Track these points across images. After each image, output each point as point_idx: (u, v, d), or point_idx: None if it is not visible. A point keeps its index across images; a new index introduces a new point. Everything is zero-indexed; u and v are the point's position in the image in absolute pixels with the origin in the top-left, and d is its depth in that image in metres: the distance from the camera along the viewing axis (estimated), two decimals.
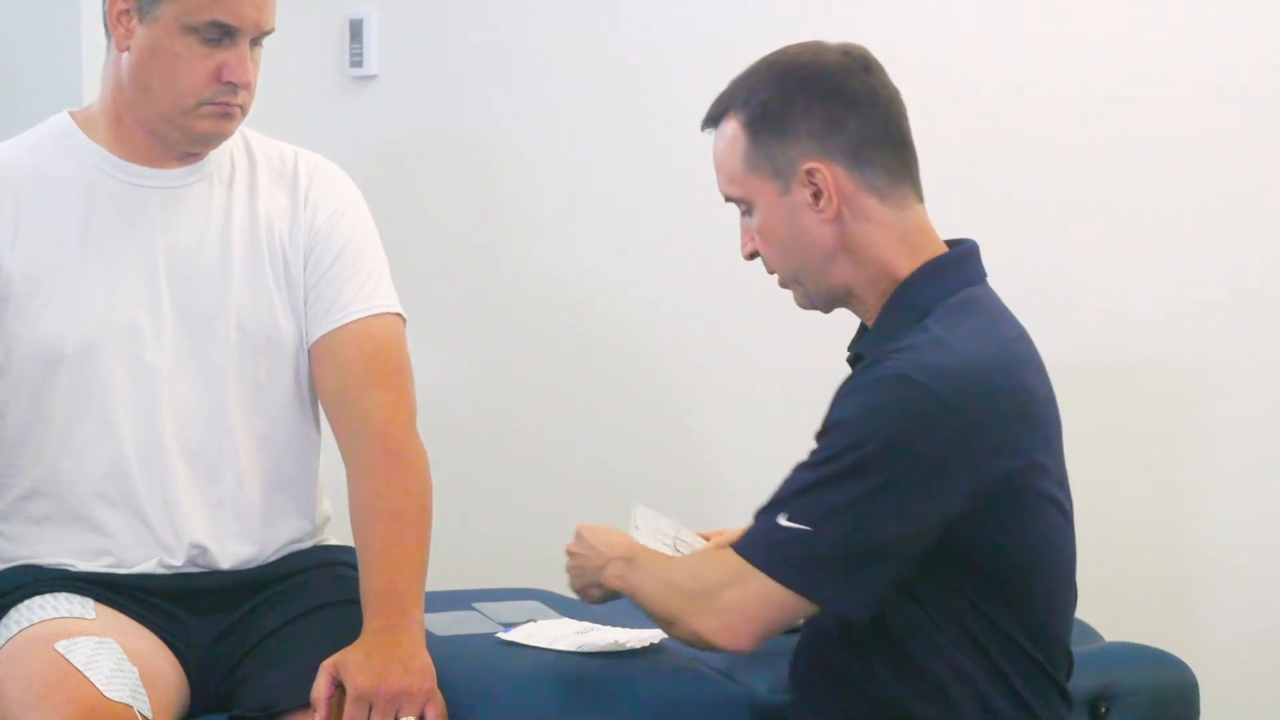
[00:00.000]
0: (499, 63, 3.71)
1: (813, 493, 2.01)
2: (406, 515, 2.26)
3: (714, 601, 2.05)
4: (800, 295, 2.19)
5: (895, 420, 1.99)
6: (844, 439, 2.01)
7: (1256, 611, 3.03)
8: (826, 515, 2.00)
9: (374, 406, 2.30)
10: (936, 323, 2.07)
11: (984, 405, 2.01)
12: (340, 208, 2.39)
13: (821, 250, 2.13)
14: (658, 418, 3.57)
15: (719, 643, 2.07)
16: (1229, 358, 3.03)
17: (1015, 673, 2.08)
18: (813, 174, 2.10)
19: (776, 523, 2.02)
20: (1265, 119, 2.99)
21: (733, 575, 2.05)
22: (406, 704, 2.13)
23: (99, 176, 2.31)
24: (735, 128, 2.15)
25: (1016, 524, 2.06)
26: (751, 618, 2.04)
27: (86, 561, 2.29)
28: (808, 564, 2.01)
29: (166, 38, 2.23)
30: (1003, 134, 3.16)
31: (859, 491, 1.99)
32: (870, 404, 2.01)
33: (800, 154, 2.11)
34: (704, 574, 2.09)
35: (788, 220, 2.13)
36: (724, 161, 2.18)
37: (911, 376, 2.00)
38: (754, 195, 2.15)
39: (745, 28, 3.38)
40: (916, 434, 1.99)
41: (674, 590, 2.11)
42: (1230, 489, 3.04)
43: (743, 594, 2.04)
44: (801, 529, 2.00)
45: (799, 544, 2.01)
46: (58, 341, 2.26)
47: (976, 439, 2.00)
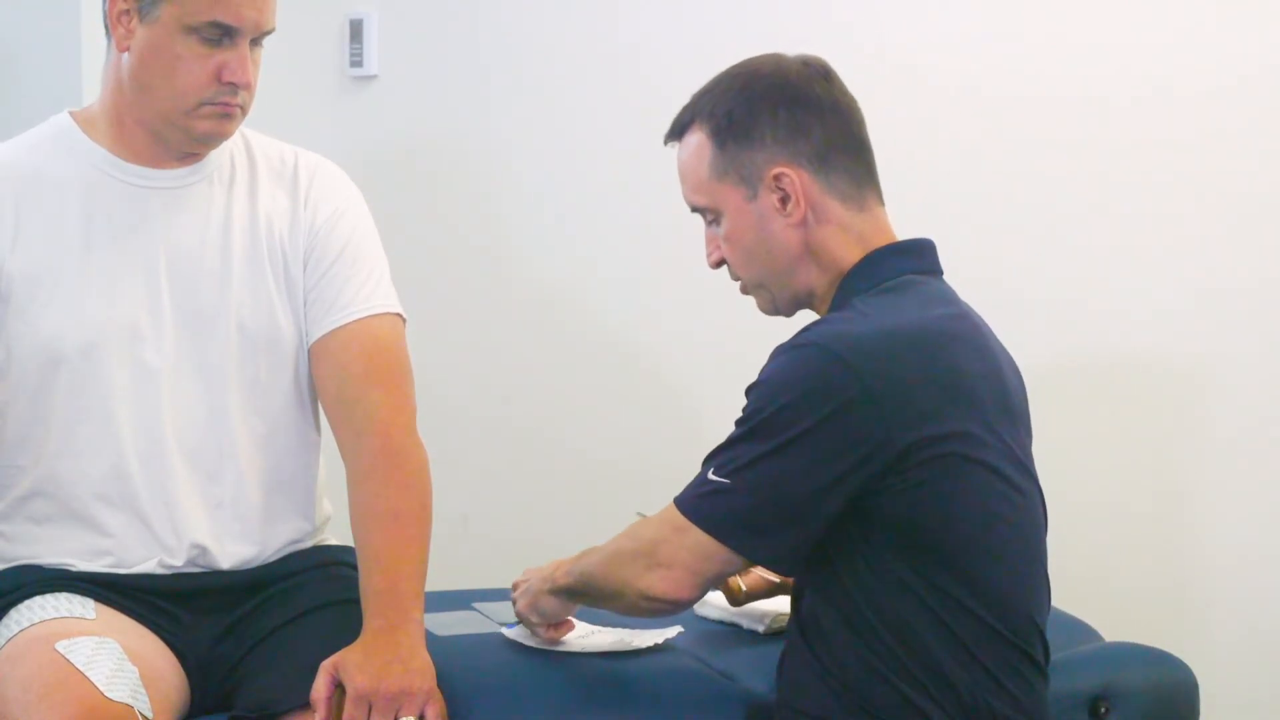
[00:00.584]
0: (499, 63, 3.71)
1: (733, 449, 2.10)
2: (406, 515, 2.26)
3: (654, 557, 2.13)
4: (765, 300, 2.26)
5: (798, 383, 2.07)
6: (757, 399, 2.10)
7: (1256, 611, 3.03)
8: (740, 471, 2.09)
9: (374, 406, 2.30)
10: (860, 301, 2.15)
11: (890, 372, 2.07)
12: (340, 208, 2.39)
13: (787, 254, 2.19)
14: (658, 417, 3.57)
15: (661, 593, 2.13)
16: (1229, 358, 3.03)
17: (974, 642, 2.10)
18: (780, 179, 2.16)
19: (707, 476, 2.12)
20: (1265, 119, 2.99)
21: (670, 529, 2.12)
22: (406, 704, 2.13)
23: (99, 177, 2.31)
24: (701, 138, 2.21)
25: (942, 488, 2.08)
26: (689, 568, 2.12)
27: (87, 562, 2.29)
28: (729, 517, 2.10)
29: (167, 38, 2.23)
30: (1002, 134, 3.16)
31: (765, 450, 2.07)
32: (780, 368, 2.10)
33: (767, 159, 2.17)
34: (643, 532, 2.16)
35: (755, 225, 2.19)
36: (690, 172, 2.23)
37: (818, 343, 2.08)
38: (721, 203, 2.21)
39: (745, 28, 3.38)
40: (817, 396, 2.06)
41: (618, 556, 2.17)
42: (1230, 489, 3.04)
43: (679, 545, 2.12)
44: (723, 482, 2.09)
45: (721, 498, 2.10)
46: (58, 342, 2.26)
47: (881, 403, 2.05)
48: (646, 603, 2.15)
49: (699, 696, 2.32)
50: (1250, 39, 2.99)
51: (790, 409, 2.06)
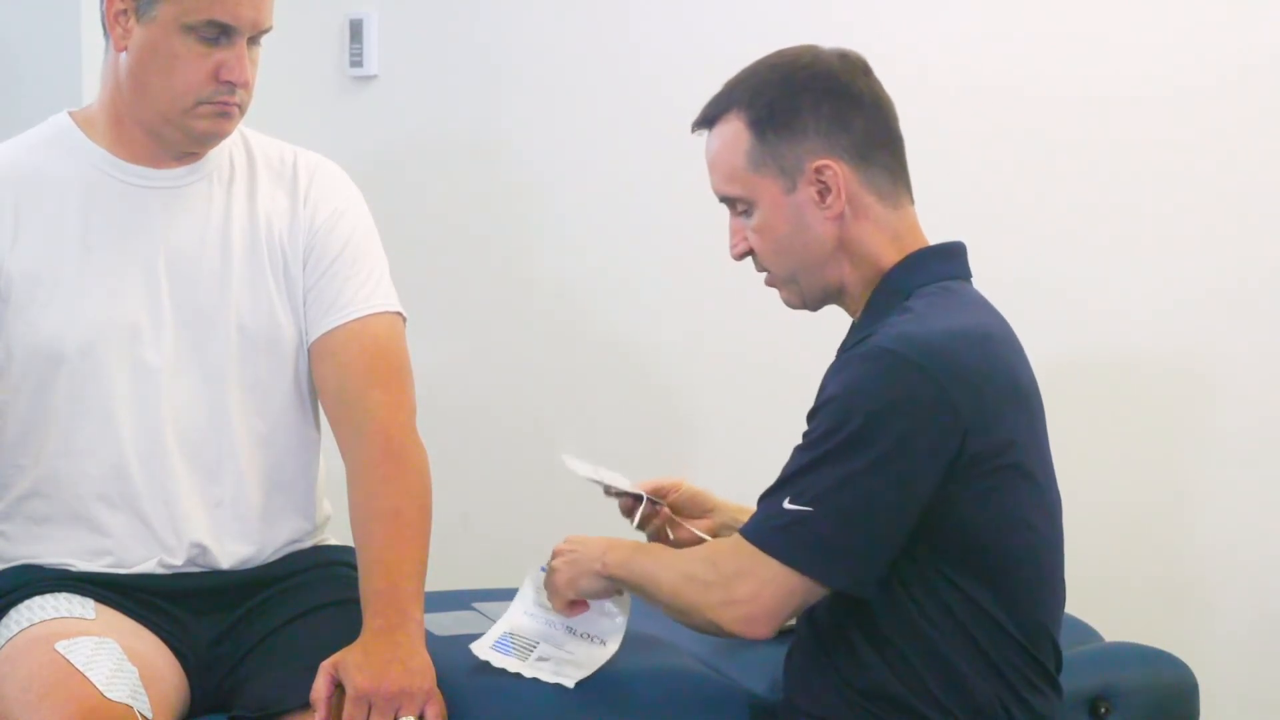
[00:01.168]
0: (499, 62, 3.71)
1: (810, 473, 2.05)
2: (406, 515, 2.26)
3: (731, 592, 2.08)
4: (793, 293, 2.22)
5: (877, 393, 2.03)
6: (832, 417, 2.04)
7: (1256, 611, 3.03)
8: (824, 495, 2.03)
9: (374, 406, 2.30)
10: (916, 303, 2.11)
11: (962, 375, 2.04)
12: (340, 207, 2.39)
13: (821, 248, 2.16)
14: (659, 417, 3.57)
15: (739, 632, 2.10)
16: (1229, 357, 3.03)
17: (1000, 657, 2.09)
18: (822, 171, 2.13)
19: (781, 506, 2.05)
20: (1265, 118, 2.99)
21: (746, 563, 2.07)
22: (406, 704, 2.13)
23: (99, 177, 2.31)
24: (738, 127, 2.17)
25: (993, 498, 2.07)
26: (768, 606, 2.07)
27: (87, 561, 2.29)
28: (813, 546, 2.04)
29: (164, 37, 2.23)
30: (1002, 134, 3.16)
31: (852, 468, 2.02)
32: (853, 379, 2.05)
33: (808, 152, 2.14)
34: (721, 563, 2.10)
35: (791, 218, 2.16)
36: (724, 161, 2.19)
37: (890, 349, 2.04)
38: (757, 194, 2.17)
39: (746, 28, 3.38)
40: (899, 405, 2.02)
41: (691, 581, 2.12)
42: (1230, 489, 3.05)
43: (758, 583, 2.06)
44: (803, 510, 2.03)
45: (802, 526, 2.04)
46: (58, 342, 2.26)
47: (956, 407, 2.03)
48: (717, 632, 2.12)
49: (699, 696, 2.32)
50: (1251, 38, 2.99)
51: (874, 423, 2.02)
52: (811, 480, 2.04)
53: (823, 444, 2.04)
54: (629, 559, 2.22)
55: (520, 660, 2.28)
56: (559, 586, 2.28)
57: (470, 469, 3.59)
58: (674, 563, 2.17)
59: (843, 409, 2.04)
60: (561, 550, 2.29)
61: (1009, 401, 2.09)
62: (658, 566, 2.18)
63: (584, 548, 2.27)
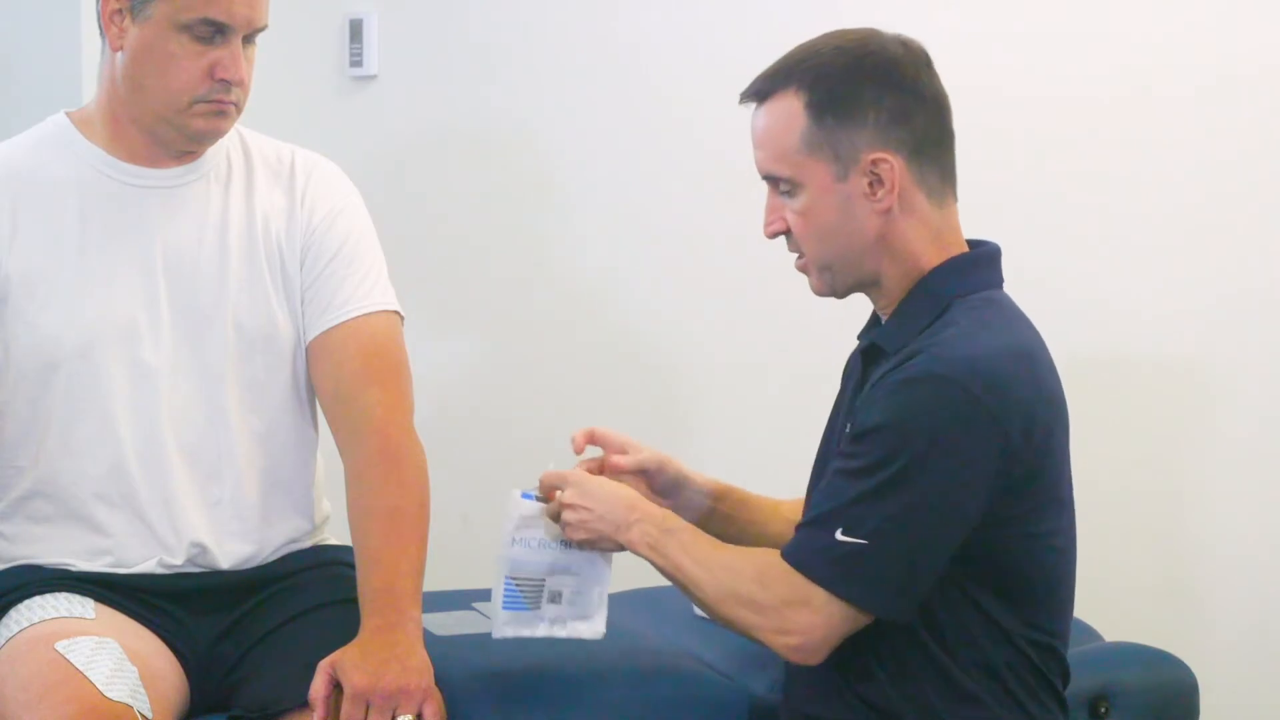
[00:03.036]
0: (499, 62, 3.71)
1: (865, 504, 2.01)
2: (404, 513, 2.26)
3: (784, 620, 2.04)
4: (824, 280, 2.16)
5: (933, 420, 1.99)
6: (886, 444, 2.00)
7: (1257, 611, 3.03)
8: (882, 527, 2.00)
9: (371, 405, 2.30)
10: (961, 316, 2.08)
11: (1013, 399, 2.03)
12: (337, 206, 2.39)
13: (863, 240, 2.11)
14: (660, 417, 3.57)
15: (789, 659, 2.08)
16: (1231, 357, 3.03)
17: (1011, 674, 2.08)
18: (877, 164, 2.09)
19: (834, 538, 2.01)
20: (1266, 118, 2.98)
21: (800, 593, 2.03)
22: (404, 702, 2.12)
23: (96, 177, 2.31)
24: (794, 106, 2.11)
25: (1028, 520, 2.06)
26: (822, 637, 2.04)
27: (86, 561, 2.29)
28: (868, 579, 2.01)
29: (159, 36, 2.23)
30: (1003, 133, 3.16)
31: (910, 499, 1.99)
32: (907, 405, 2.01)
33: (867, 142, 2.09)
34: (773, 587, 2.05)
35: (839, 206, 2.11)
36: (774, 139, 2.13)
37: (942, 374, 2.01)
38: (806, 177, 2.11)
39: (746, 28, 3.38)
40: (954, 431, 1.99)
41: (740, 601, 2.07)
42: (1231, 489, 3.04)
43: (812, 614, 2.03)
44: (859, 543, 2.00)
45: (858, 559, 2.00)
46: (56, 342, 2.26)
47: (1008, 433, 2.01)
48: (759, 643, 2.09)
49: (699, 696, 2.32)
50: (1252, 38, 2.99)
51: (930, 454, 1.99)
52: (866, 512, 2.00)
53: (875, 474, 2.00)
54: (661, 543, 2.14)
55: (535, 611, 2.20)
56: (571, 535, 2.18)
57: (470, 469, 3.58)
58: (718, 572, 2.10)
59: (897, 438, 2.00)
60: (574, 504, 2.17)
61: (1053, 422, 2.08)
62: (698, 568, 2.12)
63: (601, 507, 2.16)
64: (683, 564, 2.12)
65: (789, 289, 2.38)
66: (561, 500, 2.17)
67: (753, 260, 3.43)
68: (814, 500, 2.11)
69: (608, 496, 2.17)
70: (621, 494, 2.18)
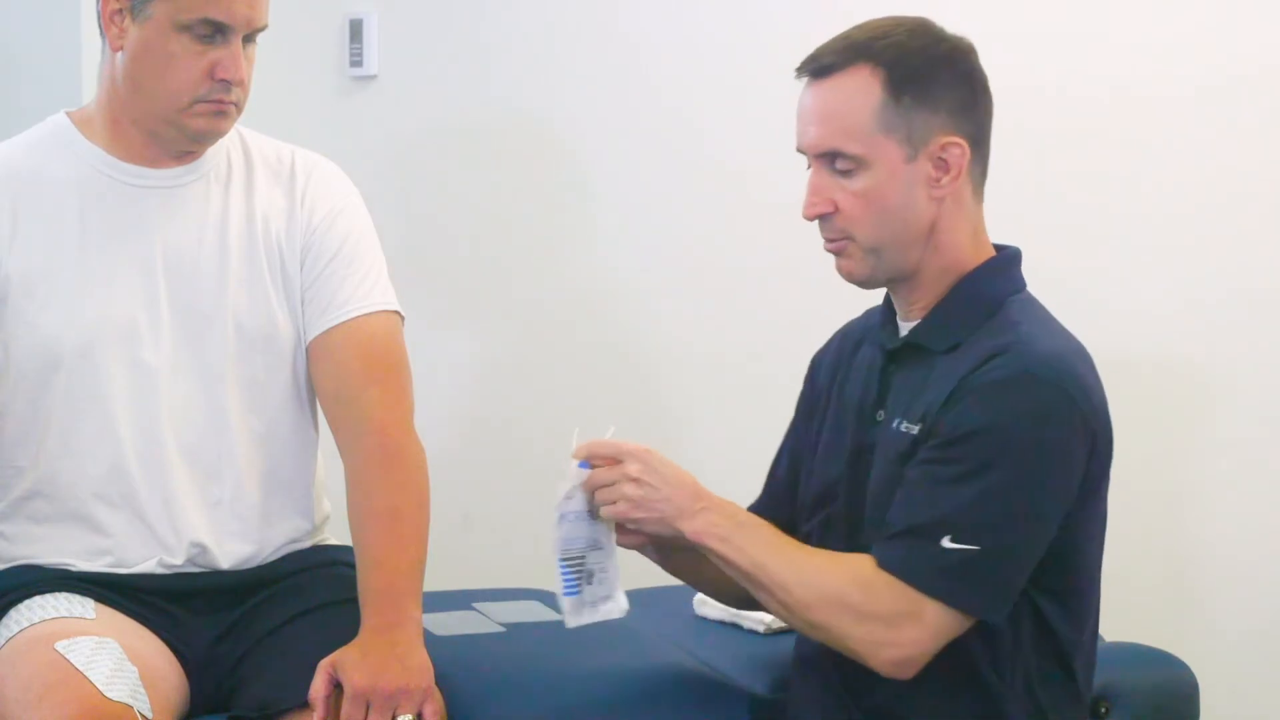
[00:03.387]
0: (499, 62, 3.71)
1: (973, 510, 1.98)
2: (404, 513, 2.26)
3: (891, 633, 1.99)
4: (864, 266, 2.10)
5: (1034, 421, 1.99)
6: (989, 448, 1.98)
7: (1257, 611, 3.03)
8: (992, 532, 1.97)
9: (371, 404, 2.30)
10: (1020, 316, 2.08)
11: (1091, 397, 2.04)
12: (337, 206, 2.39)
13: (917, 227, 2.08)
14: (660, 417, 3.57)
15: (890, 674, 2.01)
16: (1231, 358, 3.03)
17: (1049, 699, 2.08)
18: (947, 149, 2.07)
19: (941, 546, 1.97)
20: (1267, 118, 2.98)
21: (910, 606, 1.98)
22: (404, 702, 2.13)
23: (96, 177, 2.31)
24: (870, 82, 2.06)
25: (1089, 525, 2.08)
26: (927, 650, 2.00)
27: (86, 561, 2.29)
28: (980, 585, 1.99)
29: (159, 36, 2.23)
30: (1002, 134, 3.14)
31: (1017, 501, 1.98)
32: (1006, 407, 1.99)
33: (939, 126, 2.07)
34: (880, 598, 1.99)
35: (903, 189, 2.07)
36: (844, 114, 2.06)
37: (1037, 374, 2.00)
38: (875, 156, 2.06)
39: (746, 28, 3.38)
40: (1054, 432, 1.99)
41: (841, 607, 2.00)
42: (1231, 489, 3.04)
43: (920, 629, 1.98)
44: (967, 550, 1.97)
45: (970, 566, 1.97)
46: (56, 342, 2.26)
47: (1094, 433, 2.03)
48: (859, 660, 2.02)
49: (699, 696, 2.32)
50: (1253, 38, 2.98)
51: (1032, 455, 1.98)
52: (974, 518, 1.97)
53: (980, 478, 1.97)
54: (734, 536, 2.05)
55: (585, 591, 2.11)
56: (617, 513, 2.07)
57: (470, 469, 3.58)
58: (810, 574, 2.03)
59: (999, 440, 1.98)
60: (639, 479, 2.07)
61: (1109, 420, 2.09)
62: (786, 567, 2.04)
63: (667, 488, 2.07)
64: (765, 560, 2.04)
65: (791, 290, 2.38)
66: (626, 472, 2.07)
67: (754, 261, 3.44)
68: (906, 509, 2.02)
69: (673, 478, 2.08)
70: (685, 478, 2.09)
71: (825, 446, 2.21)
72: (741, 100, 3.43)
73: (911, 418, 2.07)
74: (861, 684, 2.09)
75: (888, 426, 2.11)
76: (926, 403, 2.06)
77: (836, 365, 2.26)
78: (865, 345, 2.23)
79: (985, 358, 2.03)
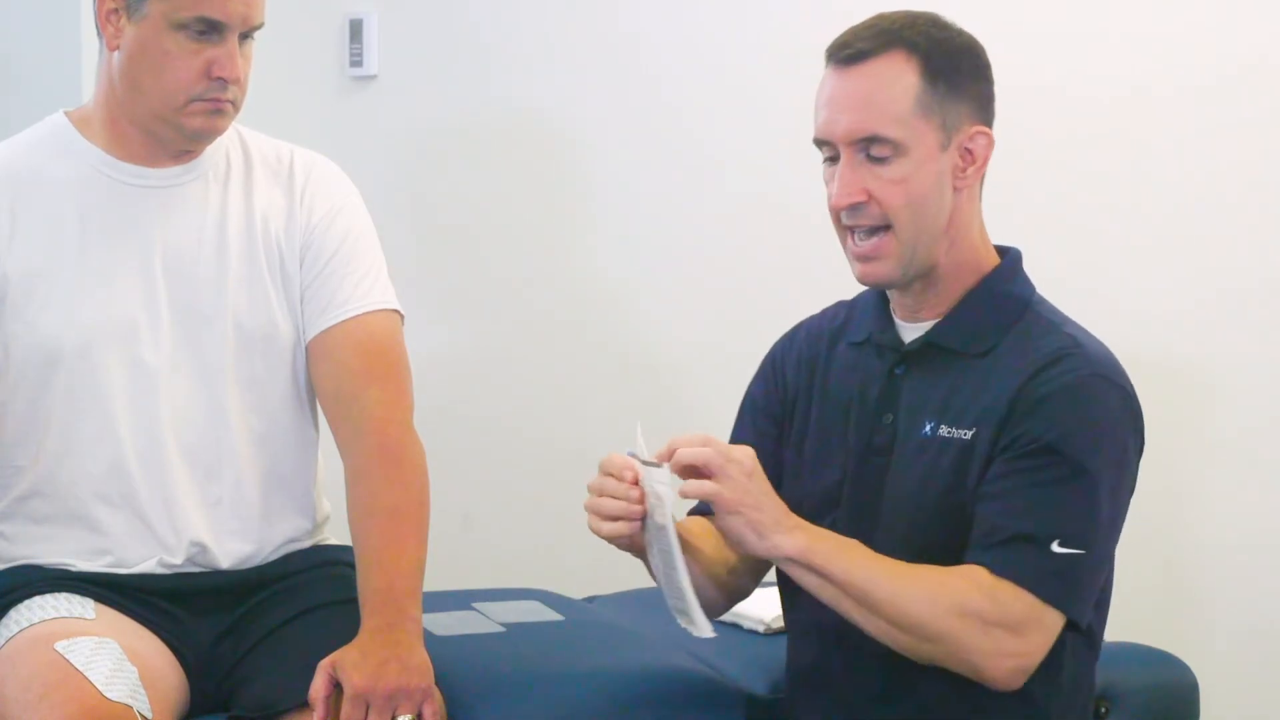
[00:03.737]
0: (499, 62, 3.71)
1: (1078, 514, 1.97)
2: (404, 513, 2.26)
3: (1020, 642, 1.96)
4: (902, 260, 2.06)
5: (1115, 422, 2.00)
6: (1081, 452, 1.97)
7: (1256, 611, 3.03)
8: (1094, 534, 1.97)
9: (371, 403, 2.30)
10: (1058, 319, 2.09)
11: (1138, 399, 2.05)
12: (336, 205, 2.39)
13: (943, 218, 2.07)
14: (660, 417, 3.56)
15: (999, 682, 1.97)
16: (1230, 358, 3.03)
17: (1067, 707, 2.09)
18: (975, 138, 2.07)
19: (1053, 551, 1.95)
20: (1267, 118, 2.98)
21: (1034, 613, 1.95)
22: (404, 702, 2.12)
23: (95, 176, 2.31)
24: (906, 67, 2.04)
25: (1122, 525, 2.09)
26: (1041, 658, 1.98)
27: (86, 561, 2.29)
28: (1083, 588, 1.99)
29: (155, 35, 2.23)
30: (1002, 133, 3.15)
31: (1111, 505, 1.99)
32: (1088, 413, 1.99)
33: (969, 115, 2.07)
34: (1006, 606, 1.95)
35: (936, 177, 2.06)
36: (884, 99, 2.03)
37: (1105, 375, 2.01)
38: (915, 142, 2.04)
39: (745, 25, 3.38)
40: (1129, 432, 2.02)
41: (966, 617, 1.95)
42: (1231, 489, 3.04)
43: (1043, 634, 1.96)
44: (1076, 554, 1.96)
45: (1077, 570, 1.97)
46: (55, 342, 2.26)
47: (1140, 432, 2.05)
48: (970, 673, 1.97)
49: (699, 696, 2.32)
50: (1254, 37, 2.98)
51: (1116, 456, 1.99)
52: (1078, 521, 1.96)
53: (1077, 482, 1.96)
54: (838, 553, 1.98)
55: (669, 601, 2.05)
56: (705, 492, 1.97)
57: (470, 469, 3.59)
58: (929, 586, 1.97)
59: (1089, 444, 1.97)
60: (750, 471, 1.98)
61: None
62: (893, 578, 1.97)
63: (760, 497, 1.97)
64: (875, 575, 1.97)
65: (793, 289, 2.38)
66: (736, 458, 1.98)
67: (756, 259, 3.44)
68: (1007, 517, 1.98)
69: (768, 489, 2.00)
70: (777, 499, 2.01)
71: (815, 449, 2.17)
72: (742, 100, 3.43)
73: (959, 423, 2.05)
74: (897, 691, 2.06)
75: (910, 430, 2.08)
76: (980, 408, 2.04)
77: (811, 362, 2.22)
78: (844, 344, 2.20)
79: (1044, 363, 2.02)
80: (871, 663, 2.07)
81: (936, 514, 2.03)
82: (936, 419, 2.06)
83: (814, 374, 2.21)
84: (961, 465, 2.03)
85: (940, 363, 2.09)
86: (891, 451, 2.10)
